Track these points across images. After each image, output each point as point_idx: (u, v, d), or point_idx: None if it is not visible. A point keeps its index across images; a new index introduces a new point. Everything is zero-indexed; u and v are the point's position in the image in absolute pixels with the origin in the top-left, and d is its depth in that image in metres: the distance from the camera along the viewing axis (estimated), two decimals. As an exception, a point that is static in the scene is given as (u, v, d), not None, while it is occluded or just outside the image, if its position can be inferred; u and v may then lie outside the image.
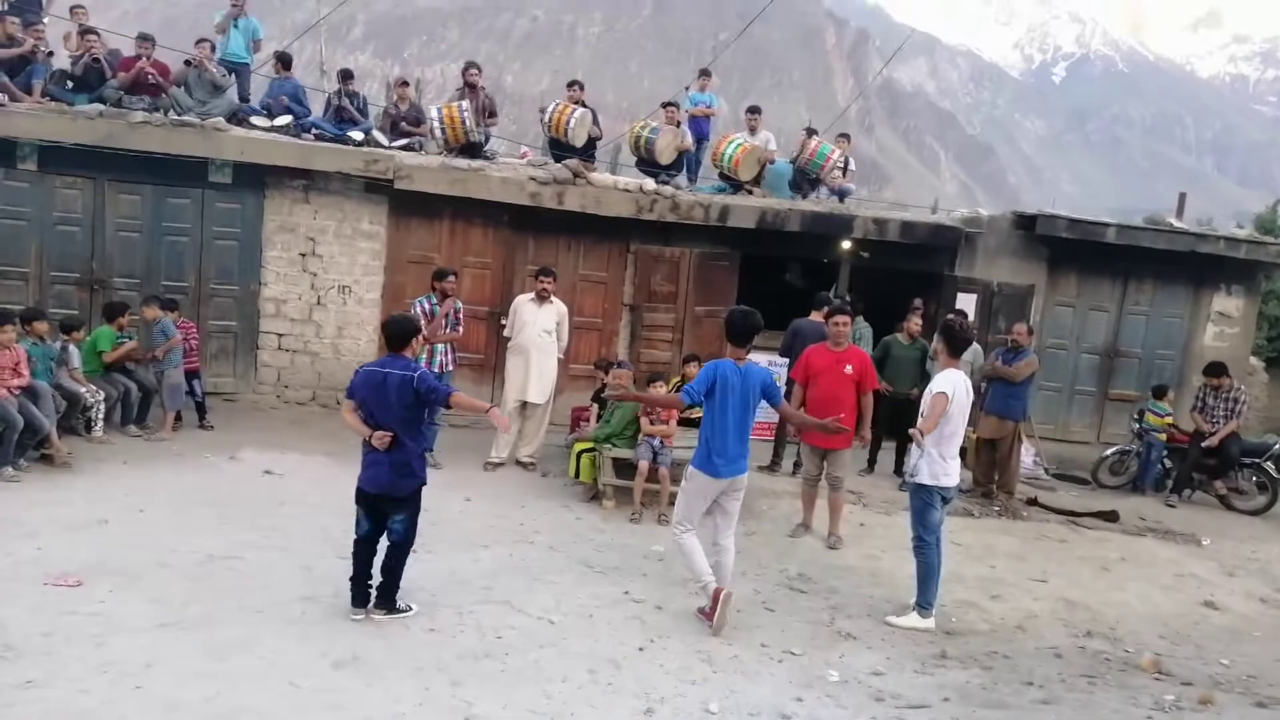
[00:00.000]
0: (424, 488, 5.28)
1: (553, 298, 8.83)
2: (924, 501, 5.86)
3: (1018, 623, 6.07)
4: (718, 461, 5.42)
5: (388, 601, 5.21)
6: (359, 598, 5.18)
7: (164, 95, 9.96)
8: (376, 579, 5.22)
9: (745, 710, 4.49)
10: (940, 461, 5.79)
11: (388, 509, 5.17)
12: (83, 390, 8.09)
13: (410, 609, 5.26)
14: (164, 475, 7.50)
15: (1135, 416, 10.80)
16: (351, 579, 5.20)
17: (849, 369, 7.29)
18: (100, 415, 8.24)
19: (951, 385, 5.78)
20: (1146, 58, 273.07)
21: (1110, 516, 8.91)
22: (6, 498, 6.63)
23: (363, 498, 5.18)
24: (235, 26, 11.10)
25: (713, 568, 5.57)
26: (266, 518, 6.66)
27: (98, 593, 5.15)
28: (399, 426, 5.07)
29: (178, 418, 8.82)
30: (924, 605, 5.84)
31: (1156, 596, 6.88)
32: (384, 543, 5.24)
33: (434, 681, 4.53)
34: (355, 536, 5.20)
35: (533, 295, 8.81)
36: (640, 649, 5.11)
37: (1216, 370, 10.23)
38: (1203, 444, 10.05)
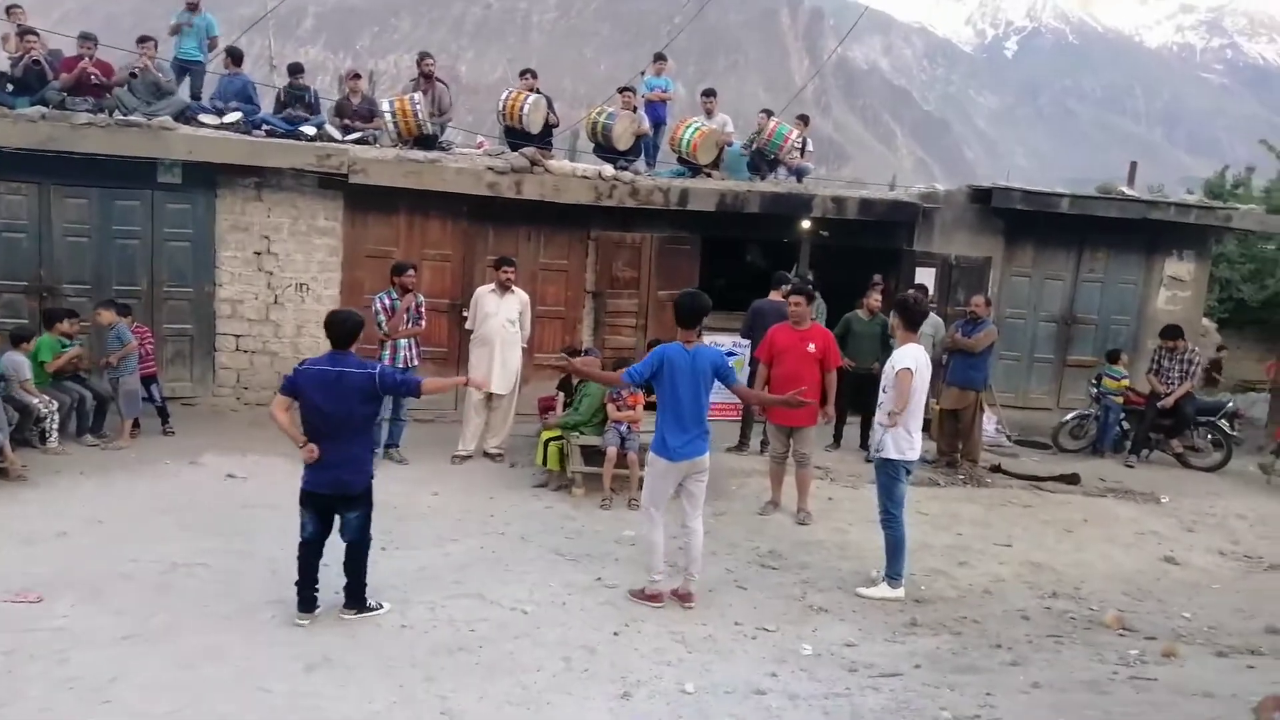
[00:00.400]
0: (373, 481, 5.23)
1: (514, 287, 8.78)
2: (890, 476, 5.93)
3: (985, 587, 6.18)
4: (673, 445, 5.43)
5: (357, 601, 5.17)
6: (306, 603, 5.07)
7: (108, 95, 9.73)
8: (328, 590, 5.12)
9: (721, 688, 4.52)
10: (905, 435, 5.86)
11: (340, 508, 5.08)
12: (35, 401, 7.91)
13: (381, 606, 5.22)
14: (123, 484, 7.37)
15: (1093, 381, 11.00)
16: (297, 584, 5.07)
17: (812, 347, 7.34)
18: (55, 426, 8.06)
19: (914, 360, 5.86)
20: (1096, 29, 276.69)
21: (1072, 479, 9.09)
22: (-40, 514, 6.48)
23: (310, 499, 5.06)
24: (190, 26, 10.86)
25: (681, 549, 5.61)
26: (230, 522, 6.57)
27: (59, 607, 5.05)
28: (355, 424, 5.01)
29: (135, 425, 8.66)
30: (893, 576, 5.93)
31: (1118, 555, 7.04)
32: (338, 543, 5.13)
33: (408, 678, 4.51)
34: (300, 540, 5.07)
35: (494, 286, 8.76)
36: (615, 634, 5.13)
37: (1172, 333, 10.44)
38: (1159, 405, 10.27)
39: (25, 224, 9.33)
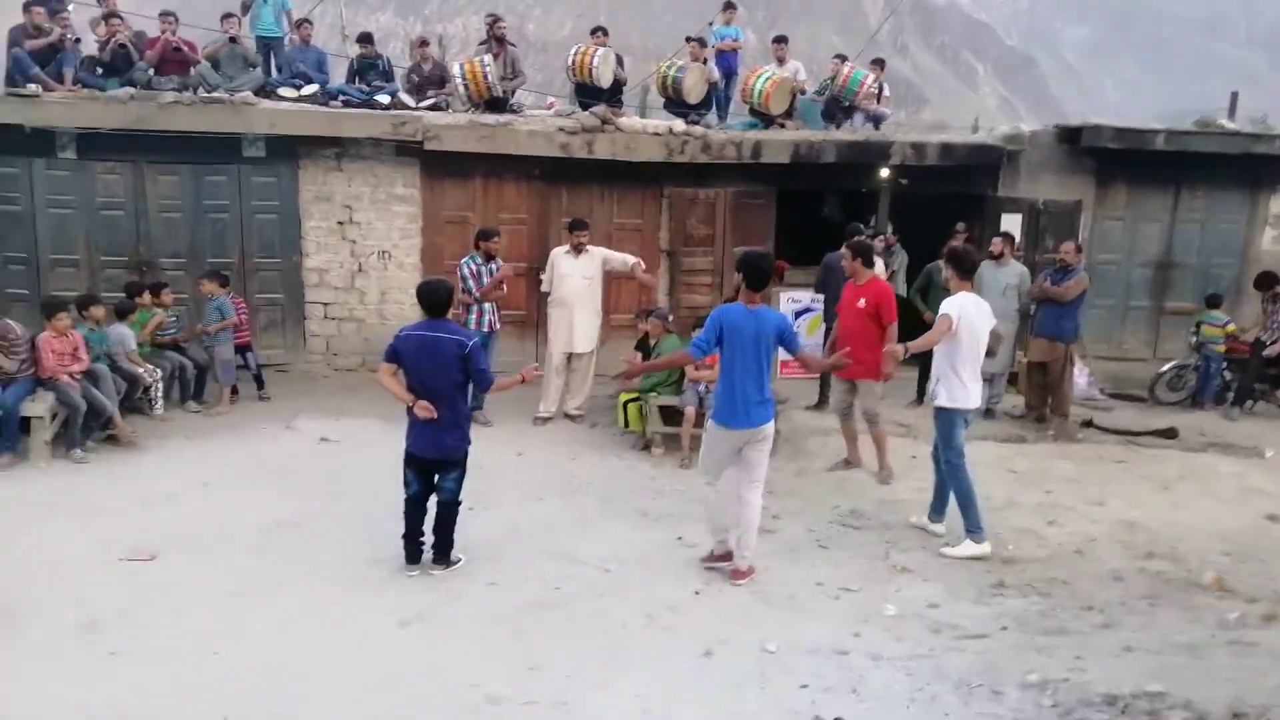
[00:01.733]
0: (471, 447, 5.40)
1: (589, 248, 8.81)
2: (948, 422, 5.91)
3: (1076, 547, 6.02)
4: (731, 412, 5.21)
5: (445, 557, 5.41)
6: (413, 554, 5.37)
7: (191, 71, 10.00)
8: (429, 538, 5.39)
9: (803, 648, 4.55)
10: (959, 383, 5.83)
11: (439, 470, 5.31)
12: (141, 371, 8.31)
13: (460, 559, 5.45)
14: (225, 448, 7.71)
15: (1192, 330, 10.51)
16: (404, 537, 5.37)
17: (862, 302, 7.16)
18: (159, 394, 8.47)
19: (958, 306, 5.80)
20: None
21: (1169, 434, 8.75)
22: (77, 479, 6.90)
23: (413, 460, 5.30)
24: (265, 2, 11.06)
25: (735, 522, 5.37)
26: (326, 484, 6.83)
27: (171, 565, 5.37)
28: (451, 389, 5.17)
29: (234, 391, 9.04)
30: (974, 530, 5.84)
31: (1219, 513, 6.76)
32: (433, 501, 5.38)
33: (498, 633, 4.67)
34: (406, 496, 5.34)
35: (568, 247, 8.80)
36: (696, 592, 5.20)
37: (1269, 281, 9.90)
38: (1264, 353, 9.77)
39: (122, 201, 9.74)
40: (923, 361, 8.49)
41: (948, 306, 5.82)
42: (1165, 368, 10.56)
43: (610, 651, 4.51)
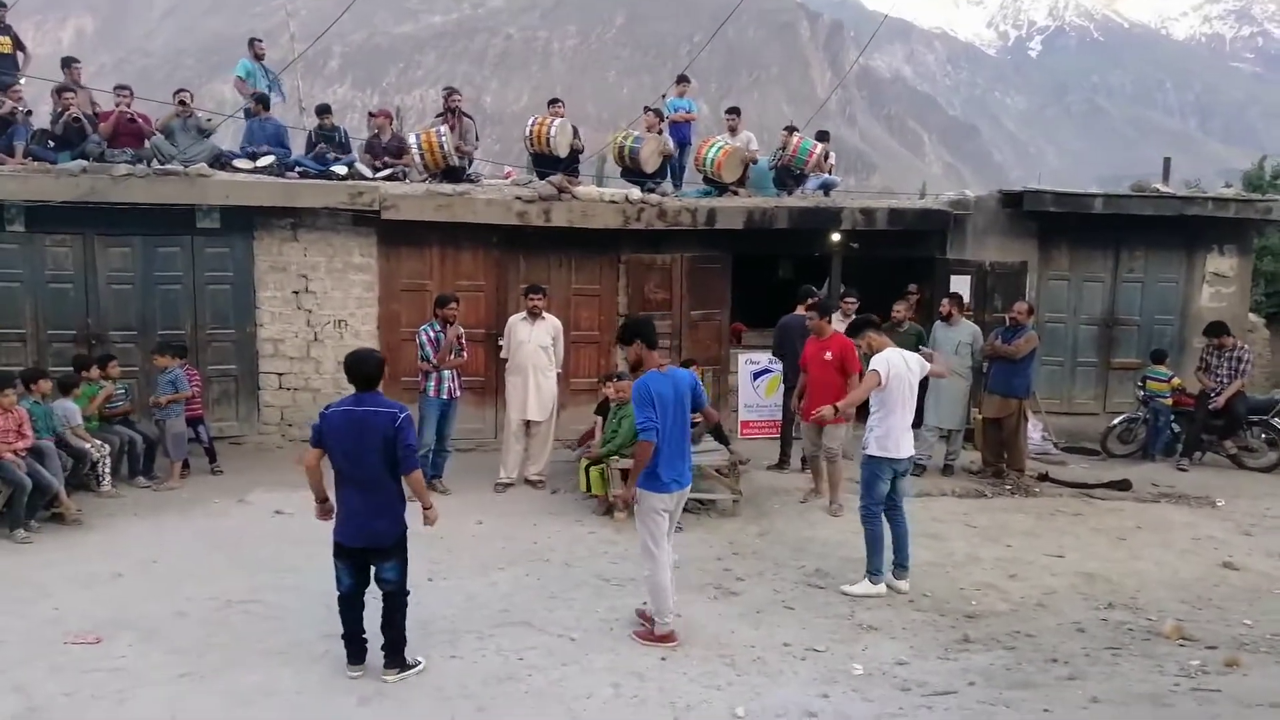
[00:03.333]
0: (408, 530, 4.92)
1: (545, 314, 8.85)
2: (872, 472, 6.14)
3: (1038, 600, 6.06)
4: (667, 477, 5.20)
5: (397, 658, 4.88)
6: (355, 655, 4.89)
7: (145, 144, 9.99)
8: (378, 637, 4.88)
9: (772, 711, 4.48)
10: (889, 435, 6.08)
11: (374, 560, 4.84)
12: (88, 446, 8.09)
13: (420, 663, 4.95)
14: (175, 524, 7.51)
15: (1139, 384, 10.79)
16: (344, 638, 4.89)
17: (828, 355, 7.82)
18: (107, 469, 8.24)
19: (885, 361, 6.12)
20: (1121, 25, 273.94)
21: (1122, 485, 8.91)
22: (20, 560, 6.64)
23: (343, 551, 4.81)
24: (265, 75, 11.29)
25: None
26: (281, 558, 6.65)
27: (117, 648, 5.15)
28: (382, 468, 4.70)
29: (185, 465, 8.83)
30: (873, 572, 6.10)
31: (1175, 562, 6.86)
32: (377, 594, 4.91)
33: (460, 709, 4.53)
34: (338, 594, 4.87)
35: (525, 314, 8.83)
36: (663, 658, 5.11)
37: (1217, 330, 10.24)
38: (1209, 405, 10.04)
39: (71, 274, 9.60)
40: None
41: (876, 363, 6.14)
42: (1116, 421, 10.81)
43: (576, 723, 4.41)
